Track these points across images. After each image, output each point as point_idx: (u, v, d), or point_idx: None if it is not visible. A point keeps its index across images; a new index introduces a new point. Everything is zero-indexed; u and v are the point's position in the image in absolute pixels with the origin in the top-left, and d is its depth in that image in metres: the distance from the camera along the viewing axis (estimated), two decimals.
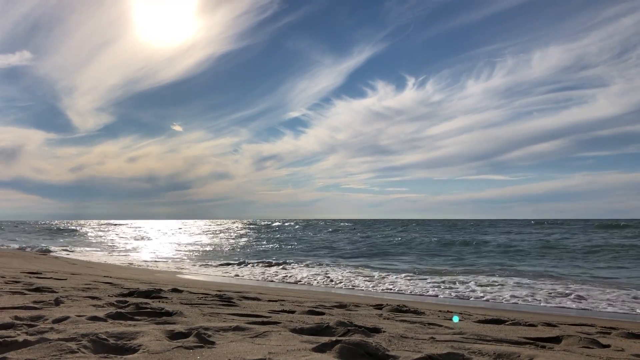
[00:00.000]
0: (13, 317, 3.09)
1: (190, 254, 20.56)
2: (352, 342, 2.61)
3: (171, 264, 15.76)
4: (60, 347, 2.36)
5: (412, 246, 24.04)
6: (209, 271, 13.45)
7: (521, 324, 4.10)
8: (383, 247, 24.03)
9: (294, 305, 4.78)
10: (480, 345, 2.97)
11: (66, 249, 22.26)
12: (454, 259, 17.37)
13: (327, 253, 20.96)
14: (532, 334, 3.53)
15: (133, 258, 17.94)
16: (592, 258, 17.07)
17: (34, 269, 8.29)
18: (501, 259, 17.20)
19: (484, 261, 16.46)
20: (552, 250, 20.81)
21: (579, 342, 3.24)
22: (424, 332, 3.40)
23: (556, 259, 17.12)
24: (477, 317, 4.55)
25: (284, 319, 3.69)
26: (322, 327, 3.22)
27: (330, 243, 27.53)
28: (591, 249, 20.16)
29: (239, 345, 2.65)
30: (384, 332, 3.25)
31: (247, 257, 18.06)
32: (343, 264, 15.38)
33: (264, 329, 3.11)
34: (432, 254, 19.54)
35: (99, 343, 2.49)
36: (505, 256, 18.40)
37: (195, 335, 2.75)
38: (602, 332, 3.87)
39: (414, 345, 2.88)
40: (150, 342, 2.56)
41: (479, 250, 20.99)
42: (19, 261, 11.63)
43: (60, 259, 15.09)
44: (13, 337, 2.49)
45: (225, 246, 26.59)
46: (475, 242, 25.35)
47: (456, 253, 20.03)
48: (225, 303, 4.61)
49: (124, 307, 3.76)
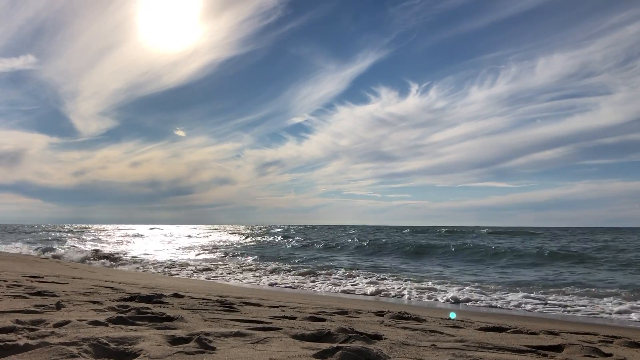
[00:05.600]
0: (14, 320, 3.09)
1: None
2: (353, 349, 2.60)
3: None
4: (61, 351, 2.36)
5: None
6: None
7: (523, 332, 4.08)
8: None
9: (295, 311, 4.77)
10: (482, 353, 2.96)
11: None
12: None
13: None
14: (534, 342, 3.52)
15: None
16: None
17: (35, 273, 8.30)
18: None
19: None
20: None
21: (581, 350, 3.23)
22: (425, 339, 3.38)
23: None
24: (479, 325, 4.53)
25: (285, 325, 3.68)
26: (323, 334, 3.22)
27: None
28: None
29: (240, 351, 2.64)
30: (385, 339, 3.24)
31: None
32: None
33: (265, 334, 3.11)
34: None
35: (99, 347, 2.49)
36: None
37: (196, 340, 2.75)
38: (604, 341, 3.85)
39: (415, 352, 2.87)
40: (151, 347, 2.56)
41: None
42: (20, 265, 11.65)
43: (62, 263, 15.10)
44: (14, 340, 2.49)
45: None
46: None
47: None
48: (226, 309, 4.61)
49: (125, 312, 3.76)
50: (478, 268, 16.96)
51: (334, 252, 25.75)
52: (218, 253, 24.30)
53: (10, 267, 10.02)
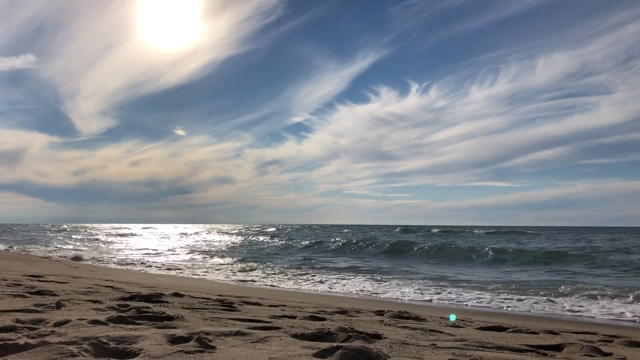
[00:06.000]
0: (14, 320, 3.09)
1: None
2: (353, 348, 2.60)
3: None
4: (61, 350, 2.36)
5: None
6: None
7: (523, 331, 4.08)
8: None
9: (295, 311, 4.78)
10: (482, 352, 2.96)
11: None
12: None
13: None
14: (534, 341, 3.52)
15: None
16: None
17: (35, 272, 8.30)
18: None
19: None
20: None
21: (581, 350, 3.23)
22: (425, 338, 3.39)
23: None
24: (479, 324, 4.53)
25: (285, 324, 3.68)
26: (323, 333, 3.22)
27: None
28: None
29: (240, 350, 2.64)
30: (385, 338, 3.25)
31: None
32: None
33: (264, 334, 3.11)
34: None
35: (99, 347, 2.50)
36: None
37: (196, 339, 2.75)
38: (604, 340, 3.85)
39: (415, 351, 2.87)
40: (151, 346, 2.56)
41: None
42: (20, 264, 11.65)
43: (62, 262, 15.10)
44: (14, 340, 2.49)
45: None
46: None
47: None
48: (226, 308, 4.61)
49: (125, 311, 3.77)
50: (443, 266, 17.45)
51: (312, 251, 26.19)
52: (195, 254, 23.86)
53: (10, 266, 10.03)
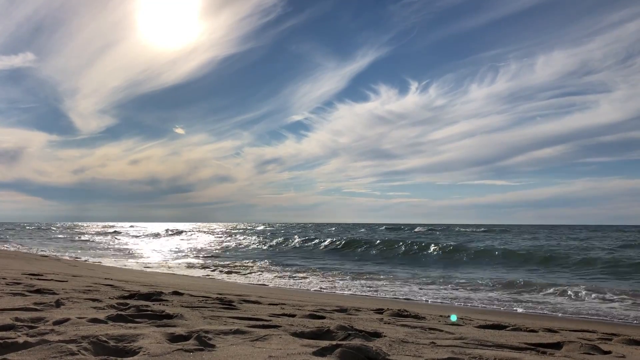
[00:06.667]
0: (14, 318, 3.09)
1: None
2: (353, 347, 2.61)
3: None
4: (60, 348, 2.36)
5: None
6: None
7: (522, 329, 4.09)
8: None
9: (295, 309, 4.78)
10: (481, 350, 2.97)
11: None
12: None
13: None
14: (533, 339, 3.52)
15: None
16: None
17: (35, 271, 8.30)
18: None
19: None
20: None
21: (580, 348, 3.23)
22: (425, 337, 3.39)
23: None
24: (478, 323, 4.54)
25: (284, 322, 3.68)
26: (323, 331, 3.22)
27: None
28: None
29: (239, 349, 2.65)
30: (384, 336, 3.25)
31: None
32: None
33: (264, 332, 3.11)
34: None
35: (99, 345, 2.49)
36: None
37: (195, 338, 2.75)
38: (603, 339, 3.86)
39: (415, 350, 2.88)
40: (151, 345, 2.56)
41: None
42: (20, 263, 11.65)
43: (61, 261, 15.10)
44: (13, 338, 2.49)
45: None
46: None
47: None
48: (225, 306, 4.61)
49: (125, 310, 3.76)
50: (409, 265, 17.47)
51: (270, 252, 25.88)
52: (166, 254, 22.84)
53: (9, 265, 10.02)
